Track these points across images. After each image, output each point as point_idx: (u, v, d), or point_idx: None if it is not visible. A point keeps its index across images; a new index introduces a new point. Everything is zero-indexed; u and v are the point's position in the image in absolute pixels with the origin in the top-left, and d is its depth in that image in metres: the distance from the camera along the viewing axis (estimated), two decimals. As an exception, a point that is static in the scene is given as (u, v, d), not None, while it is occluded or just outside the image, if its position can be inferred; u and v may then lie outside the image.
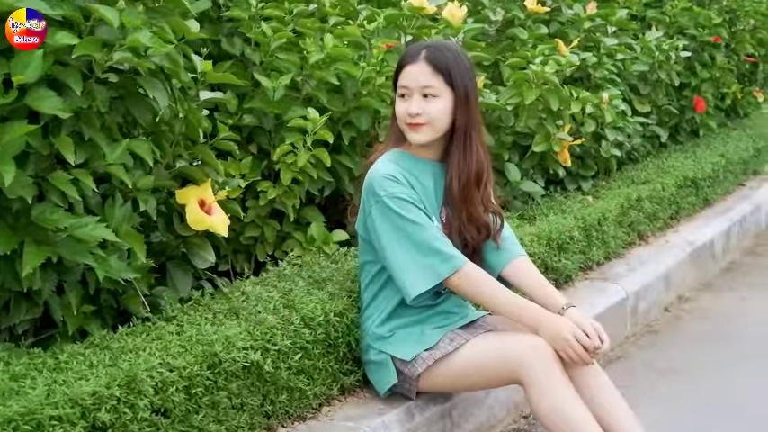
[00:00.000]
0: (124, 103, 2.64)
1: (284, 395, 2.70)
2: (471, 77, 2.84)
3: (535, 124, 4.51)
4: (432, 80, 2.76)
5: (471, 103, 2.81)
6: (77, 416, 2.14)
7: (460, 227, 2.88)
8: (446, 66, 2.77)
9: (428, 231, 2.74)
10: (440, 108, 2.77)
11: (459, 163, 2.83)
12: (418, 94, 2.78)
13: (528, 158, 4.59)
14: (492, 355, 2.73)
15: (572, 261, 4.21)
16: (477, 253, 2.93)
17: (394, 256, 2.75)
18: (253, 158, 3.53)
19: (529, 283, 2.89)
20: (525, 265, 2.95)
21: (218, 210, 2.95)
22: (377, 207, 2.77)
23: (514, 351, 2.68)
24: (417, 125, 2.79)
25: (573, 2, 5.56)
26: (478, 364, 2.75)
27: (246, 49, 3.67)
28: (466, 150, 2.82)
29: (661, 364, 3.98)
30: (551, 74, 4.38)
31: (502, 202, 4.40)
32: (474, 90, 2.84)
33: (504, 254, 2.94)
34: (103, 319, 2.73)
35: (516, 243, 2.99)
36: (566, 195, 4.87)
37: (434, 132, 2.81)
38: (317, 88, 3.62)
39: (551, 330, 2.67)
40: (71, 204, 2.53)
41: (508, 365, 2.69)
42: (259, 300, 2.87)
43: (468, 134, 2.82)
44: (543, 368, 2.63)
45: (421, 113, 2.77)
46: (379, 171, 2.79)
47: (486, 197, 2.90)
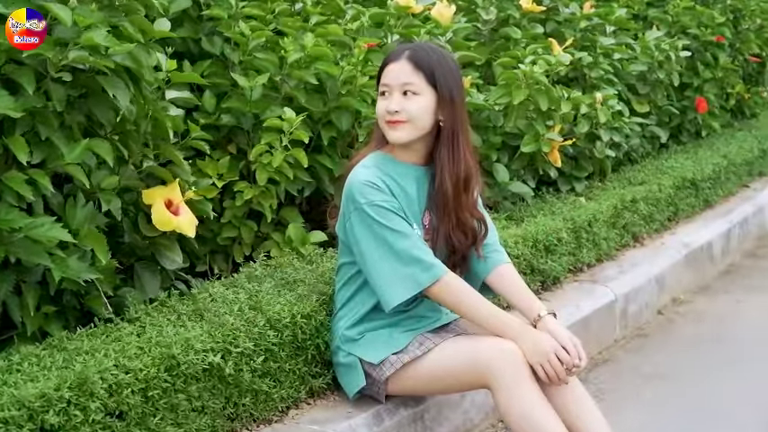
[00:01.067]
0: (86, 102, 2.62)
1: (248, 398, 2.67)
2: (457, 79, 2.80)
3: (524, 125, 4.46)
4: (412, 77, 2.72)
5: (457, 105, 2.77)
6: (24, 418, 2.12)
7: (448, 232, 2.84)
8: (428, 65, 2.73)
9: (408, 240, 2.70)
10: (420, 106, 2.73)
11: (448, 165, 2.77)
12: (398, 91, 2.74)
13: (517, 159, 4.54)
14: (461, 359, 2.69)
15: (560, 263, 4.16)
16: (466, 259, 2.89)
17: (373, 264, 2.70)
18: (231, 158, 3.51)
19: (511, 291, 2.85)
20: (508, 272, 2.90)
21: (185, 210, 2.92)
22: (356, 214, 2.73)
23: (483, 355, 2.64)
24: (396, 122, 2.74)
25: (570, 1, 5.50)
26: (447, 368, 2.71)
27: (226, 49, 3.64)
28: (454, 152, 2.77)
29: (648, 369, 3.92)
30: (540, 74, 4.33)
31: (491, 203, 4.38)
32: (460, 92, 2.80)
33: (489, 261, 2.89)
34: (67, 320, 2.71)
35: (500, 250, 2.94)
36: (558, 196, 4.81)
37: (414, 131, 2.75)
38: (295, 88, 3.59)
39: (532, 346, 2.62)
40: (30, 204, 2.52)
41: (477, 370, 2.64)
42: (225, 301, 2.84)
43: (456, 136, 2.77)
44: (512, 373, 2.59)
45: (400, 111, 2.72)
46: (360, 177, 2.74)
47: (473, 202, 2.86)
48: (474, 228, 2.85)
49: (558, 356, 2.60)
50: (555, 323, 2.71)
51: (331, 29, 3.81)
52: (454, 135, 2.77)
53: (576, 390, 2.71)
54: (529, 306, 2.77)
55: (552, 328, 2.67)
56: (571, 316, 3.88)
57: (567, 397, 2.67)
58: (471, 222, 2.85)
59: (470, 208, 2.86)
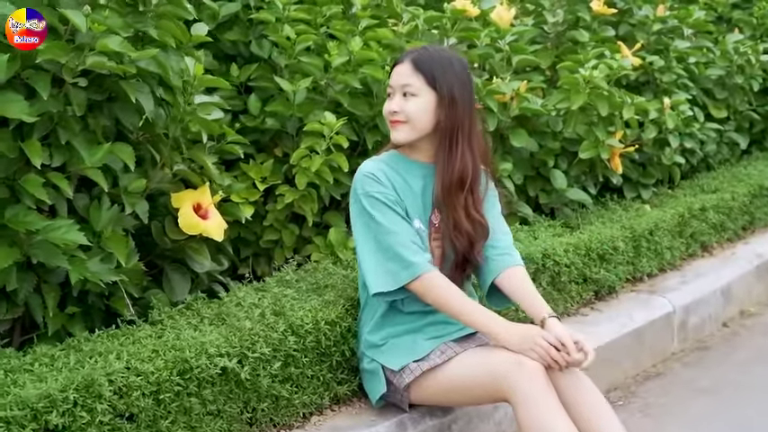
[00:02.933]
0: (113, 106, 2.66)
1: (266, 403, 2.67)
2: (462, 81, 2.78)
3: (584, 130, 4.36)
4: (411, 79, 2.75)
5: (458, 107, 2.75)
6: (28, 418, 2.15)
7: (449, 231, 2.81)
8: (429, 66, 2.74)
9: (395, 236, 2.70)
10: (418, 107, 2.74)
11: (442, 165, 2.79)
12: (399, 92, 2.78)
13: (576, 165, 4.45)
14: (479, 370, 2.65)
15: (616, 272, 4.07)
16: (469, 260, 2.84)
17: (362, 252, 2.75)
18: (274, 161, 3.53)
19: (518, 293, 2.79)
20: (517, 275, 2.83)
21: (214, 214, 2.94)
22: (354, 204, 2.79)
23: (501, 368, 2.59)
24: (396, 122, 2.79)
25: (643, 3, 5.37)
26: (465, 379, 2.67)
27: (274, 52, 3.66)
28: (451, 152, 2.77)
29: (702, 383, 3.79)
30: (601, 78, 4.23)
31: (548, 209, 4.31)
32: (464, 93, 2.77)
33: (498, 263, 2.84)
34: (92, 320, 2.75)
35: (511, 253, 2.87)
36: (621, 204, 4.71)
37: (414, 132, 2.78)
38: (340, 92, 3.58)
39: (519, 338, 2.60)
40: (53, 206, 2.56)
41: (495, 382, 2.60)
42: (249, 306, 2.85)
43: (454, 137, 2.77)
44: (530, 386, 2.53)
45: (398, 111, 2.76)
46: (363, 169, 2.80)
47: (471, 204, 2.81)
48: (469, 230, 2.80)
49: (547, 341, 2.57)
50: (560, 326, 2.66)
51: (381, 32, 3.80)
52: (453, 135, 2.77)
53: (591, 395, 2.64)
54: (535, 309, 2.72)
55: (558, 331, 2.62)
56: (623, 327, 3.80)
57: (580, 398, 2.61)
58: (466, 225, 2.80)
59: (467, 208, 2.82)
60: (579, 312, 3.92)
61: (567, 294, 3.84)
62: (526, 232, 3.96)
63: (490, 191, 2.92)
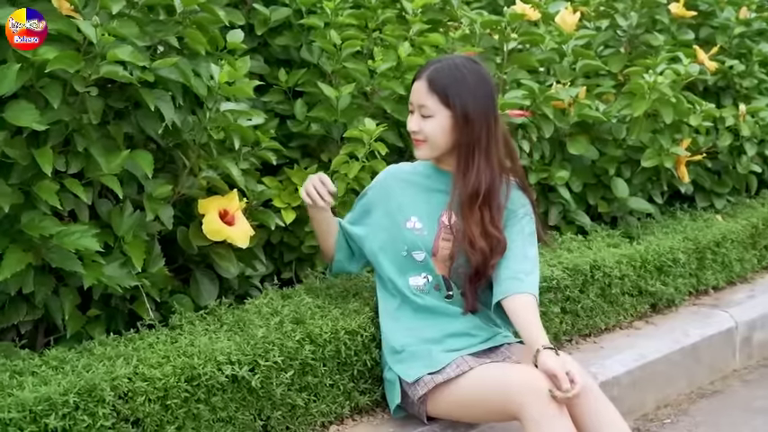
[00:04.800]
0: (135, 113, 2.70)
1: (281, 411, 2.67)
2: (476, 96, 2.73)
3: (648, 138, 4.24)
4: (426, 100, 2.75)
5: (473, 123, 2.73)
6: (27, 420, 2.20)
7: (466, 247, 2.77)
8: (443, 86, 2.73)
9: (344, 229, 3.03)
10: (434, 127, 2.76)
11: (458, 180, 2.79)
12: (418, 111, 2.79)
13: (639, 173, 4.32)
14: (490, 387, 2.60)
15: (675, 285, 3.95)
16: (481, 274, 2.79)
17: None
18: (318, 167, 3.54)
19: (518, 322, 2.68)
20: (521, 302, 2.70)
21: (241, 221, 2.95)
22: None
23: (513, 387, 2.53)
24: (417, 141, 2.82)
25: (726, 5, 5.18)
26: (478, 395, 2.62)
27: (323, 57, 3.66)
28: (467, 167, 2.77)
29: (760, 404, 3.64)
30: (667, 84, 4.10)
31: (608, 218, 4.20)
32: (477, 109, 2.73)
33: (507, 286, 2.73)
34: (116, 324, 2.80)
35: (520, 278, 2.74)
36: (691, 213, 4.56)
37: (433, 150, 2.81)
38: (385, 98, 3.56)
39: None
40: (73, 212, 2.62)
41: (506, 401, 2.54)
42: (271, 313, 2.85)
43: (470, 153, 2.76)
44: (540, 407, 2.47)
45: (418, 131, 2.79)
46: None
47: (487, 219, 2.76)
48: (483, 247, 2.75)
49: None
50: (550, 357, 2.52)
51: (432, 38, 3.76)
52: (469, 151, 2.76)
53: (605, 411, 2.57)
54: (532, 340, 2.61)
55: (545, 362, 2.52)
56: (675, 342, 3.68)
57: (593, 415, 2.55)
58: (480, 241, 2.75)
59: (483, 223, 2.77)
60: (632, 326, 3.81)
61: (619, 307, 3.74)
62: (579, 242, 3.88)
63: (520, 208, 2.85)
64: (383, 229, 2.93)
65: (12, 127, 2.39)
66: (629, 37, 4.85)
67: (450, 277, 2.85)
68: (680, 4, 4.93)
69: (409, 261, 2.85)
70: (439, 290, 2.85)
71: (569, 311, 3.51)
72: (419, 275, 2.85)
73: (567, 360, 2.52)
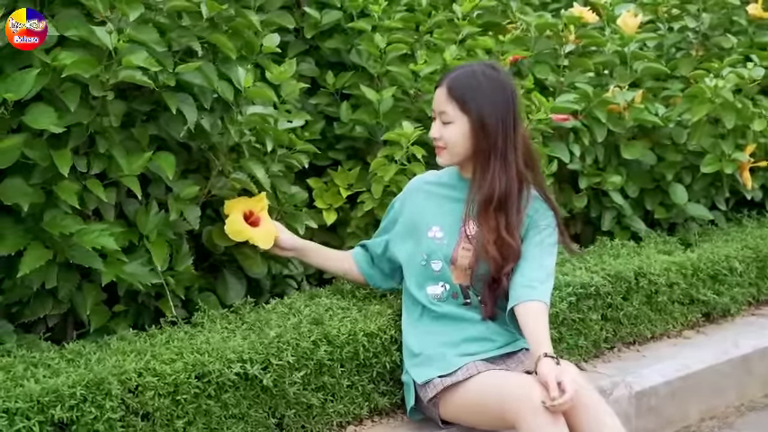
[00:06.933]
0: (161, 116, 2.79)
1: (295, 410, 2.71)
2: (492, 102, 2.74)
3: (710, 143, 4.14)
4: (446, 107, 2.77)
5: (489, 129, 2.74)
6: (34, 411, 2.29)
7: (481, 252, 2.78)
8: (461, 93, 2.74)
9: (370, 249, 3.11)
10: (454, 134, 2.78)
11: (474, 185, 2.81)
12: (439, 118, 2.81)
13: (699, 179, 4.22)
14: (490, 394, 2.61)
15: (731, 294, 3.86)
16: (498, 282, 2.78)
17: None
18: (361, 169, 3.58)
19: (526, 329, 2.67)
20: (531, 310, 2.69)
21: (265, 222, 3.00)
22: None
23: (511, 395, 2.54)
24: (438, 148, 2.84)
25: (809, 5, 5.01)
26: (480, 401, 2.64)
27: (369, 60, 3.70)
28: (483, 173, 2.78)
29: (812, 418, 3.53)
30: (728, 88, 4.00)
31: (667, 225, 4.12)
32: (493, 115, 2.73)
33: (520, 293, 2.72)
34: (143, 320, 2.89)
35: (533, 286, 2.73)
36: (759, 220, 4.43)
37: (453, 157, 2.83)
38: (427, 101, 3.58)
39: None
40: (96, 210, 2.72)
41: (503, 409, 2.54)
42: (291, 313, 2.90)
43: (487, 159, 2.77)
44: (534, 417, 2.46)
45: (438, 138, 2.81)
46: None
47: (503, 225, 2.74)
48: (495, 255, 2.74)
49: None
50: (546, 365, 2.52)
51: (481, 41, 3.76)
52: (485, 158, 2.77)
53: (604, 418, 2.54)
54: (535, 347, 2.61)
55: (541, 369, 2.52)
56: (724, 353, 3.59)
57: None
58: (492, 249, 2.74)
59: (498, 229, 2.77)
60: (681, 335, 3.74)
61: (667, 315, 3.67)
62: (630, 248, 3.81)
63: (542, 220, 2.84)
64: (408, 237, 2.95)
65: (34, 129, 2.49)
66: (700, 39, 4.74)
67: (472, 285, 2.85)
68: (758, 5, 4.80)
69: (428, 270, 2.86)
70: (456, 298, 2.85)
71: (611, 318, 3.47)
72: (437, 284, 2.86)
73: (566, 370, 2.50)
